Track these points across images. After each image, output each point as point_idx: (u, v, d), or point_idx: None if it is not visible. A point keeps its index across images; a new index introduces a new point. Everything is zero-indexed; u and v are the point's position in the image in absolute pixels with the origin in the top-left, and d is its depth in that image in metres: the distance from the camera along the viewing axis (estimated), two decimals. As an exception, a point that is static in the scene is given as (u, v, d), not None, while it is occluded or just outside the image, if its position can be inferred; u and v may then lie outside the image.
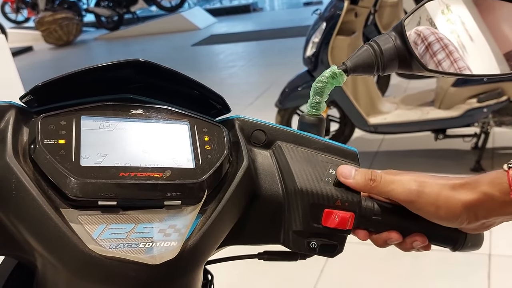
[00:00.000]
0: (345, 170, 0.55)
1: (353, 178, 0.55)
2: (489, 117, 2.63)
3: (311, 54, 2.78)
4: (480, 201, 0.52)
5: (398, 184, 0.54)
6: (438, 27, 0.66)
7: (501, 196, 0.51)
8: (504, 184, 0.50)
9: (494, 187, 0.51)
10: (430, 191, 0.53)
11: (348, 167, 0.56)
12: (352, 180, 0.55)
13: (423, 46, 0.62)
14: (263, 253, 0.62)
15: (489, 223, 0.55)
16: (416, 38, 0.62)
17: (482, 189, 0.52)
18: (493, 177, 0.52)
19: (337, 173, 0.55)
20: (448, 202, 0.53)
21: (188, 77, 0.54)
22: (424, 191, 0.53)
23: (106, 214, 0.46)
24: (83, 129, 0.48)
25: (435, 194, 0.53)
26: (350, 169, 0.55)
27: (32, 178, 0.45)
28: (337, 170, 0.55)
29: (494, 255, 2.08)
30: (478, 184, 0.52)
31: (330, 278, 2.07)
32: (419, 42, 0.62)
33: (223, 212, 0.50)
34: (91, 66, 0.50)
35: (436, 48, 0.62)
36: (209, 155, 0.52)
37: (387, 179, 0.54)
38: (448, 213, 0.53)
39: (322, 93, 0.60)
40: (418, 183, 0.53)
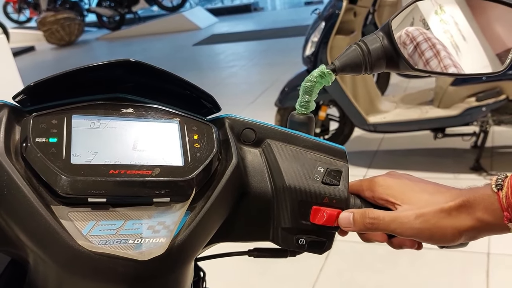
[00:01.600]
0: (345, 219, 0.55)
1: (353, 225, 0.55)
2: (488, 116, 2.63)
3: (310, 54, 2.78)
4: (477, 227, 0.53)
5: (399, 223, 0.54)
6: (432, 27, 0.66)
7: (496, 221, 0.51)
8: (497, 210, 0.51)
9: (489, 214, 0.51)
10: (431, 226, 0.53)
11: (345, 215, 0.56)
12: (352, 227, 0.56)
13: (412, 46, 0.63)
14: (253, 250, 0.62)
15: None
16: (406, 39, 0.63)
17: (478, 216, 0.52)
18: (486, 202, 0.51)
19: (339, 224, 0.56)
20: (447, 231, 0.53)
21: (179, 76, 0.55)
22: (426, 226, 0.53)
23: (96, 211, 0.47)
24: (74, 127, 0.49)
25: (436, 226, 0.53)
26: (348, 217, 0.55)
27: (24, 175, 0.46)
28: (338, 221, 0.56)
29: (493, 254, 2.08)
30: (473, 209, 0.52)
31: (329, 277, 2.08)
32: (408, 43, 0.63)
33: (212, 209, 0.51)
34: (83, 66, 0.51)
35: (424, 47, 0.63)
36: (198, 153, 0.52)
37: (386, 219, 0.54)
38: (450, 240, 0.54)
39: (311, 92, 0.61)
40: (420, 220, 0.53)
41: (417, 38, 0.63)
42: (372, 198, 0.58)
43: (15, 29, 10.49)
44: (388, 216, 0.54)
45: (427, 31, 0.65)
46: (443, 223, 0.53)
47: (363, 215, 0.55)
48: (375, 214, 0.55)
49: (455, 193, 0.54)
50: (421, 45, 0.63)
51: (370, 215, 0.55)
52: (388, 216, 0.54)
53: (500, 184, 0.51)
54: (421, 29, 0.65)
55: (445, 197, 0.54)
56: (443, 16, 0.69)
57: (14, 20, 11.22)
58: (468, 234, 0.54)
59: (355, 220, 0.55)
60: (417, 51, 0.63)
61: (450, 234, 0.53)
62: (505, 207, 0.50)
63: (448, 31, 0.68)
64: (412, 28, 0.65)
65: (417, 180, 0.58)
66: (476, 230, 0.53)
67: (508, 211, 0.50)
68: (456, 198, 0.53)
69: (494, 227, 0.52)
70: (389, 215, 0.54)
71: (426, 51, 0.63)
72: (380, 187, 0.57)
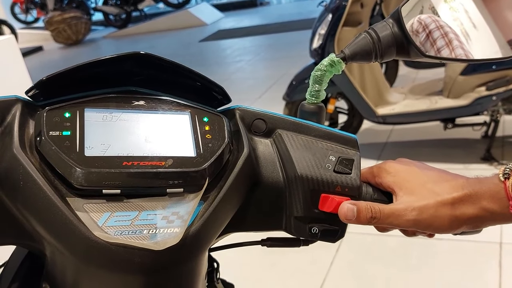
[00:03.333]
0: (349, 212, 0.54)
1: (356, 218, 0.55)
2: (498, 105, 2.61)
3: (317, 46, 2.77)
4: (481, 216, 0.53)
5: (396, 217, 0.54)
6: (441, 15, 0.66)
7: (502, 210, 0.51)
8: (503, 199, 0.51)
9: (494, 202, 0.51)
10: (428, 216, 0.54)
11: (350, 207, 0.55)
12: (355, 220, 0.55)
13: (424, 34, 0.63)
14: (266, 240, 0.63)
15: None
16: (418, 27, 0.63)
17: (483, 205, 0.52)
18: (492, 190, 0.52)
19: (339, 215, 0.55)
20: (449, 220, 0.54)
21: (189, 68, 0.56)
22: (422, 217, 0.54)
23: (111, 202, 0.47)
24: (87, 121, 0.50)
25: (433, 216, 0.54)
26: (352, 209, 0.55)
27: (39, 168, 0.47)
28: (339, 211, 0.55)
29: (505, 243, 2.07)
30: (478, 198, 0.52)
31: (340, 269, 2.08)
32: (421, 31, 0.63)
33: (225, 199, 0.51)
34: (94, 59, 0.51)
35: (436, 35, 0.62)
36: (210, 144, 0.53)
37: (385, 213, 0.54)
38: (449, 228, 0.54)
39: (321, 82, 0.60)
40: (416, 212, 0.53)
41: (430, 25, 0.63)
42: (381, 185, 0.58)
43: (22, 29, 10.57)
44: (387, 210, 0.54)
45: (439, 19, 0.65)
46: (442, 213, 0.53)
47: (367, 209, 0.55)
48: (376, 208, 0.55)
49: (461, 183, 0.54)
50: (433, 33, 0.62)
51: (372, 209, 0.55)
52: (386, 209, 0.54)
53: (507, 173, 0.51)
54: (433, 17, 0.64)
55: (449, 187, 0.54)
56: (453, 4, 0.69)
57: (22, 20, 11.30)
58: (470, 223, 0.54)
59: (359, 213, 0.54)
60: (429, 39, 0.62)
61: (449, 223, 0.54)
62: (511, 196, 0.50)
63: (458, 19, 0.68)
64: (425, 16, 0.64)
65: (425, 167, 0.58)
66: (480, 219, 0.53)
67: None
68: (461, 189, 0.53)
69: (499, 217, 0.52)
70: (388, 209, 0.54)
71: (438, 40, 0.62)
72: (387, 174, 0.57)
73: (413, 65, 3.57)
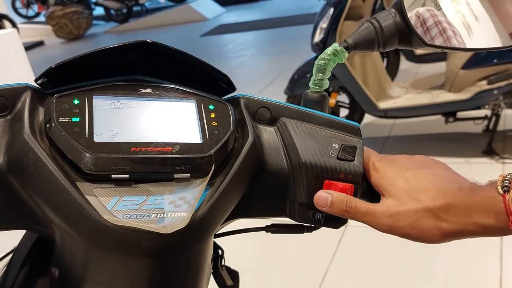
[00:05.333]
0: (321, 199, 0.54)
1: (329, 207, 0.54)
2: (499, 99, 2.61)
3: (319, 40, 2.78)
4: (471, 230, 0.49)
5: (371, 217, 0.53)
6: (443, 7, 0.66)
7: (498, 225, 0.47)
8: (500, 213, 0.46)
9: (489, 217, 0.47)
10: (405, 225, 0.51)
11: (323, 195, 0.54)
12: (328, 209, 0.54)
13: (422, 30, 0.63)
14: (271, 226, 0.64)
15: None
16: (416, 21, 0.63)
17: (475, 219, 0.48)
18: (488, 204, 0.47)
19: (314, 200, 0.55)
20: (432, 232, 0.50)
21: (195, 57, 0.57)
22: (398, 225, 0.51)
23: (119, 187, 0.48)
24: (95, 107, 0.51)
25: (412, 225, 0.51)
26: (326, 197, 0.54)
27: (49, 154, 0.48)
28: (314, 198, 0.55)
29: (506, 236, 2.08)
30: (470, 212, 0.48)
31: (342, 261, 2.10)
32: (419, 26, 0.63)
33: (230, 184, 0.52)
34: (101, 48, 0.52)
35: (434, 33, 0.63)
36: (216, 131, 0.54)
37: (361, 210, 0.53)
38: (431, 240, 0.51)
39: (325, 70, 0.61)
40: (391, 219, 0.51)
41: (428, 21, 0.63)
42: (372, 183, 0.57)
43: (24, 24, 10.57)
44: (364, 208, 0.53)
45: (438, 13, 0.65)
46: (423, 223, 0.50)
47: (342, 200, 0.54)
48: (352, 203, 0.54)
49: (451, 191, 0.50)
50: (431, 31, 0.62)
51: (348, 203, 0.54)
52: (363, 208, 0.53)
53: (507, 186, 0.47)
54: (432, 11, 0.65)
55: (436, 195, 0.50)
56: (455, -4, 0.69)
57: (23, 15, 11.30)
58: (458, 236, 0.50)
59: (332, 203, 0.54)
60: (427, 36, 0.63)
61: (431, 234, 0.50)
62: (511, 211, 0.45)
63: (460, 11, 0.68)
64: (423, 10, 0.64)
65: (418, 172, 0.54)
66: (469, 233, 0.49)
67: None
68: (450, 197, 0.49)
69: (493, 231, 0.48)
70: (365, 207, 0.53)
71: (436, 38, 0.63)
72: (377, 174, 0.56)
73: (415, 60, 3.57)
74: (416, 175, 0.53)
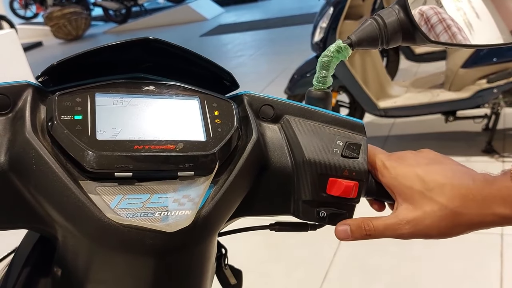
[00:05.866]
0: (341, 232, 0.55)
1: (351, 236, 0.55)
2: (499, 98, 2.61)
3: (319, 40, 2.77)
4: (489, 221, 0.49)
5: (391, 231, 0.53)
6: (444, 5, 0.66)
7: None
8: None
9: (507, 206, 0.47)
10: (424, 227, 0.51)
11: (342, 228, 0.55)
12: (351, 238, 0.55)
13: (426, 28, 0.63)
14: (274, 224, 0.63)
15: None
16: (420, 19, 0.63)
17: (493, 210, 0.48)
18: (504, 193, 0.47)
19: (336, 235, 0.55)
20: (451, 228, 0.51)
21: (198, 54, 0.56)
22: (418, 229, 0.52)
23: (123, 185, 0.48)
24: (98, 105, 0.50)
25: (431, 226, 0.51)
26: (345, 229, 0.55)
27: (51, 152, 0.47)
28: (335, 233, 0.55)
29: (507, 234, 2.08)
30: (487, 203, 0.48)
31: (343, 260, 2.09)
32: (423, 23, 0.63)
33: (234, 182, 0.52)
34: (103, 45, 0.52)
35: (438, 31, 0.62)
36: (220, 128, 0.53)
37: (380, 228, 0.53)
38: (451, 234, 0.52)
39: (328, 67, 0.61)
40: (410, 225, 0.52)
41: (431, 19, 0.63)
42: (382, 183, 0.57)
43: (22, 25, 10.55)
44: (382, 225, 0.53)
45: (441, 10, 0.65)
46: (442, 223, 0.50)
47: (360, 226, 0.54)
48: (370, 226, 0.54)
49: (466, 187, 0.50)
50: (436, 28, 0.62)
51: (366, 227, 0.54)
52: (381, 225, 0.53)
53: None
54: (435, 8, 0.64)
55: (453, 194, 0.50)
56: (456, -6, 0.69)
57: (21, 16, 11.29)
58: (476, 228, 0.50)
59: (352, 232, 0.55)
60: (431, 33, 0.62)
61: (451, 230, 0.51)
62: None
63: (461, 9, 0.68)
64: (426, 8, 0.64)
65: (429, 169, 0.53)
66: (487, 224, 0.50)
67: None
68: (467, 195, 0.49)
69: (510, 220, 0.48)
70: (383, 224, 0.53)
71: (441, 35, 0.62)
72: (389, 174, 0.55)
73: (414, 59, 3.57)
74: (429, 172, 0.53)
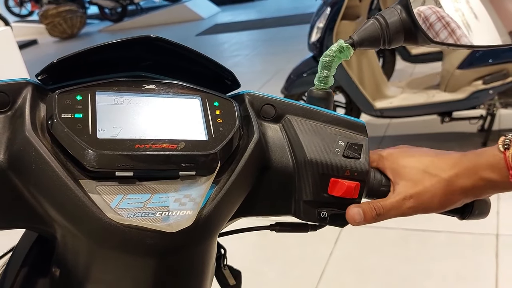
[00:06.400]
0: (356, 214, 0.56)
1: (364, 218, 0.56)
2: (495, 99, 2.62)
3: (316, 40, 2.77)
4: (480, 186, 0.54)
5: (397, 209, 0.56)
6: (443, 5, 0.66)
7: (502, 179, 0.52)
8: (503, 168, 0.51)
9: (494, 172, 0.52)
10: (425, 200, 0.55)
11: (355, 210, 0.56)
12: (363, 220, 0.56)
13: (425, 27, 0.63)
14: (275, 225, 0.63)
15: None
16: (418, 19, 0.63)
17: (481, 175, 0.53)
18: (491, 161, 0.52)
19: (348, 220, 0.56)
20: (447, 197, 0.55)
21: (199, 52, 0.56)
22: (419, 202, 0.55)
23: (123, 185, 0.47)
24: (98, 103, 0.50)
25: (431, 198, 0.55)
26: (358, 211, 0.56)
27: (51, 151, 0.47)
28: (347, 217, 0.56)
29: (502, 235, 2.09)
30: (476, 170, 0.53)
31: (338, 261, 2.09)
32: (421, 23, 0.63)
33: (236, 182, 0.51)
34: (103, 43, 0.51)
35: (437, 27, 0.62)
36: (221, 128, 0.53)
37: (387, 208, 0.56)
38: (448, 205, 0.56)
39: (330, 67, 0.61)
40: (413, 199, 0.55)
41: (430, 18, 0.63)
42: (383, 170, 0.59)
43: (17, 22, 10.48)
44: (388, 205, 0.56)
45: (439, 9, 0.65)
46: (439, 193, 0.54)
47: (370, 208, 0.56)
48: (378, 206, 0.56)
49: (457, 158, 0.55)
50: (435, 26, 0.62)
51: (376, 208, 0.56)
52: (387, 205, 0.56)
53: (508, 144, 0.52)
54: (433, 8, 0.64)
55: (445, 165, 0.55)
56: (455, -6, 0.69)
57: (16, 13, 11.21)
58: (469, 194, 0.55)
59: (365, 214, 0.56)
60: (431, 31, 0.62)
61: (447, 199, 0.55)
62: (511, 166, 0.51)
63: (459, 10, 0.68)
64: (424, 8, 0.64)
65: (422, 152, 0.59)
66: (479, 189, 0.54)
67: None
68: (458, 164, 0.54)
69: (499, 184, 0.53)
70: (388, 203, 0.56)
71: (440, 32, 0.63)
72: (386, 161, 0.59)
73: (410, 59, 3.57)
74: (423, 155, 0.57)
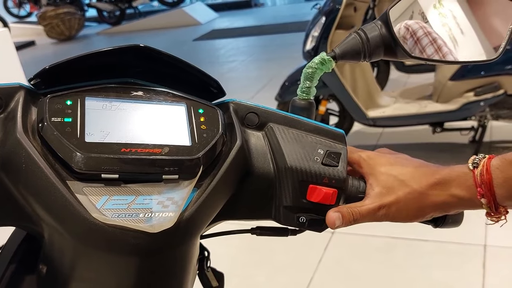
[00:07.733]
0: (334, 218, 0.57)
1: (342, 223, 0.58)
2: (486, 111, 2.66)
3: (310, 48, 2.81)
4: (449, 202, 0.56)
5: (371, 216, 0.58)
6: (430, 20, 0.68)
7: (470, 196, 0.54)
8: (472, 186, 0.54)
9: (463, 189, 0.55)
10: (396, 210, 0.57)
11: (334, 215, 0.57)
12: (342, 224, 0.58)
13: (412, 41, 0.65)
14: (256, 228, 0.65)
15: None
16: (406, 33, 0.65)
17: (451, 192, 0.55)
18: (462, 178, 0.55)
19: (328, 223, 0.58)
20: (416, 210, 0.57)
21: (187, 62, 0.58)
22: (390, 211, 0.57)
23: (109, 187, 0.49)
24: (88, 108, 0.52)
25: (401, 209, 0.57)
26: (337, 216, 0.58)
27: (41, 152, 0.49)
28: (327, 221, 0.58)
29: (489, 246, 2.11)
30: (448, 185, 0.56)
31: (327, 268, 2.11)
32: (408, 37, 0.65)
33: (217, 186, 0.54)
34: (95, 50, 0.54)
35: (424, 43, 0.65)
36: (205, 134, 0.55)
37: (363, 213, 0.58)
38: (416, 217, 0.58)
39: (312, 79, 0.63)
40: (385, 209, 0.57)
41: (417, 32, 0.65)
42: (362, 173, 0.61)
43: (15, 23, 10.49)
44: (364, 211, 0.58)
45: (426, 25, 0.67)
46: (410, 204, 0.57)
47: (348, 213, 0.58)
48: (356, 211, 0.58)
49: (432, 171, 0.57)
50: (422, 41, 0.65)
51: (353, 213, 0.58)
52: (364, 211, 0.58)
53: (476, 163, 0.55)
54: (420, 23, 0.67)
55: (420, 177, 0.57)
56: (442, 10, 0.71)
57: (15, 14, 11.22)
58: (438, 209, 0.57)
59: (344, 218, 0.58)
60: (418, 46, 0.65)
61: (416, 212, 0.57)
62: (479, 184, 0.53)
63: (446, 25, 0.70)
64: (412, 22, 0.66)
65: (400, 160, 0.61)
66: (447, 205, 0.56)
67: (481, 187, 0.53)
68: (431, 177, 0.57)
69: (467, 202, 0.55)
70: (365, 209, 0.58)
71: (427, 47, 0.65)
72: (367, 165, 0.61)
73: (404, 70, 3.61)
74: (403, 165, 0.60)
